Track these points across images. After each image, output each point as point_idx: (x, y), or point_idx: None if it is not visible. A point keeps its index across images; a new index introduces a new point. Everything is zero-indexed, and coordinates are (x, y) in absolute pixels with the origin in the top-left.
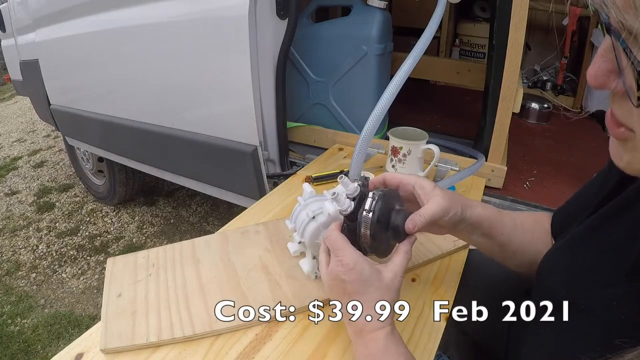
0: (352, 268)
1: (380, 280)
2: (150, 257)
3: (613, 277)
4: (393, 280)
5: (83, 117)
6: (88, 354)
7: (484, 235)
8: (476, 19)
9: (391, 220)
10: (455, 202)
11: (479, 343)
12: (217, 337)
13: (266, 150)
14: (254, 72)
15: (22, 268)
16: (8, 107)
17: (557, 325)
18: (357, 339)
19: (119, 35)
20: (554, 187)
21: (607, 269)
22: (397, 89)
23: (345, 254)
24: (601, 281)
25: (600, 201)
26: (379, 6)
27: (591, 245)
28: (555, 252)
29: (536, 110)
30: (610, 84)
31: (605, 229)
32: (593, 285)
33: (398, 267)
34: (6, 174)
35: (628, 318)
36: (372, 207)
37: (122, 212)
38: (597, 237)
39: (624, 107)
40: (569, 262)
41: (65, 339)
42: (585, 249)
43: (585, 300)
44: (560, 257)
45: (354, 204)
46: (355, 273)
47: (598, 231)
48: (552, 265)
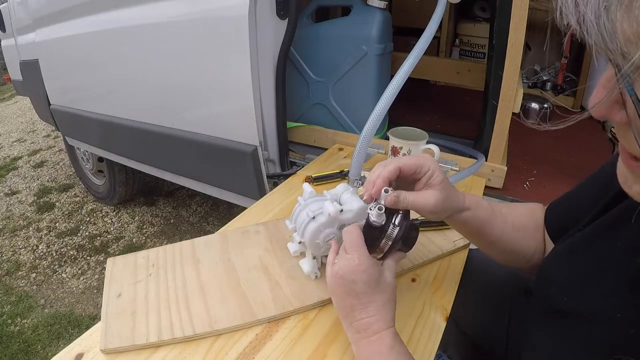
0: (365, 269)
1: (385, 281)
2: (150, 257)
3: (614, 287)
4: (393, 281)
5: (83, 117)
6: (88, 354)
7: (471, 233)
8: (476, 19)
9: (410, 235)
10: (448, 204)
11: (478, 343)
12: (217, 337)
13: (266, 150)
14: (254, 72)
15: (22, 268)
16: (8, 107)
17: (558, 332)
18: (360, 338)
19: (119, 35)
20: (554, 187)
21: (608, 279)
22: (397, 89)
23: (361, 254)
24: (601, 291)
25: (600, 208)
26: (379, 6)
27: (591, 254)
28: (555, 258)
29: (536, 110)
30: (615, 115)
31: (605, 239)
32: (593, 294)
33: (393, 268)
34: (6, 174)
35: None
36: (399, 223)
37: (122, 212)
38: (598, 246)
39: (628, 137)
40: (569, 270)
41: (65, 339)
42: (586, 258)
43: (585, 309)
44: (560, 264)
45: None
46: (367, 274)
47: (598, 240)
48: (552, 272)
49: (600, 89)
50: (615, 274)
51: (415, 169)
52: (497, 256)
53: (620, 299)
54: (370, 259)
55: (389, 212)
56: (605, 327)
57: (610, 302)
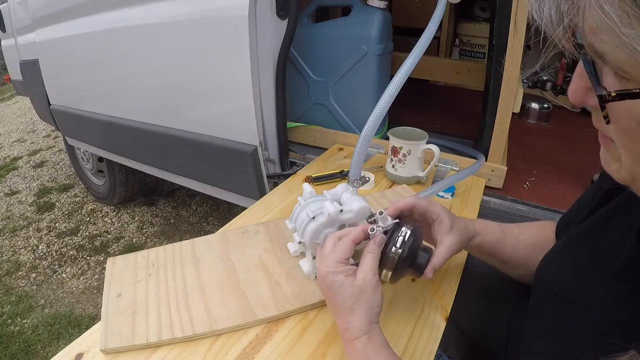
0: (324, 276)
1: (353, 285)
2: (150, 257)
3: (606, 275)
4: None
5: (83, 117)
6: (88, 354)
7: (484, 254)
8: (476, 19)
9: (417, 259)
10: (465, 239)
11: (478, 343)
12: (217, 337)
13: (266, 150)
14: (254, 72)
15: (22, 268)
16: (8, 107)
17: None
18: (345, 345)
19: (119, 35)
20: (554, 187)
21: (600, 268)
22: (397, 89)
23: (323, 261)
24: (594, 279)
25: (594, 206)
26: (379, 6)
27: (585, 246)
28: (552, 253)
29: (536, 110)
30: (589, 100)
31: (598, 232)
32: (586, 283)
33: (366, 266)
34: (6, 174)
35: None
36: (401, 246)
37: (122, 212)
38: (591, 239)
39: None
40: (564, 262)
41: (65, 339)
42: (580, 250)
43: (579, 297)
44: (556, 258)
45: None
46: (327, 281)
47: (592, 233)
48: (548, 266)
49: (576, 77)
50: (607, 262)
51: (426, 210)
52: (511, 272)
53: (611, 285)
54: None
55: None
56: (597, 315)
57: (601, 289)
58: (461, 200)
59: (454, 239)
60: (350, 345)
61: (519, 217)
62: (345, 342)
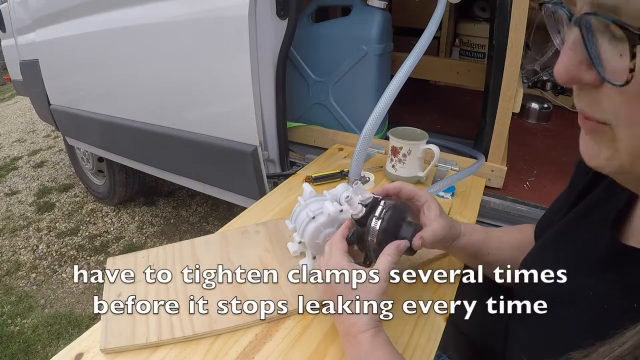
0: (332, 270)
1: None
2: (150, 257)
3: (586, 269)
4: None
5: (83, 117)
6: (88, 354)
7: (469, 255)
8: (476, 19)
9: (401, 231)
10: (451, 232)
11: (478, 343)
12: (217, 337)
13: (266, 150)
14: (254, 72)
15: (22, 268)
16: (8, 107)
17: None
18: (346, 340)
19: (119, 35)
20: (554, 187)
21: (580, 262)
22: (397, 89)
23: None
24: (575, 273)
25: (571, 204)
26: (379, 6)
27: (564, 243)
28: (532, 253)
29: (536, 110)
30: (583, 75)
31: (576, 227)
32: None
33: (380, 268)
34: (6, 174)
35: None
36: (381, 215)
37: (122, 212)
38: (569, 236)
39: (593, 98)
40: (544, 260)
41: (65, 339)
42: (559, 247)
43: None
44: (536, 257)
45: (365, 209)
46: (335, 276)
47: (570, 230)
48: (529, 266)
49: (567, 51)
50: (587, 255)
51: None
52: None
53: (593, 276)
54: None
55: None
56: (580, 308)
57: (583, 281)
58: (461, 200)
59: (443, 222)
60: (356, 339)
61: (519, 217)
62: (350, 337)
